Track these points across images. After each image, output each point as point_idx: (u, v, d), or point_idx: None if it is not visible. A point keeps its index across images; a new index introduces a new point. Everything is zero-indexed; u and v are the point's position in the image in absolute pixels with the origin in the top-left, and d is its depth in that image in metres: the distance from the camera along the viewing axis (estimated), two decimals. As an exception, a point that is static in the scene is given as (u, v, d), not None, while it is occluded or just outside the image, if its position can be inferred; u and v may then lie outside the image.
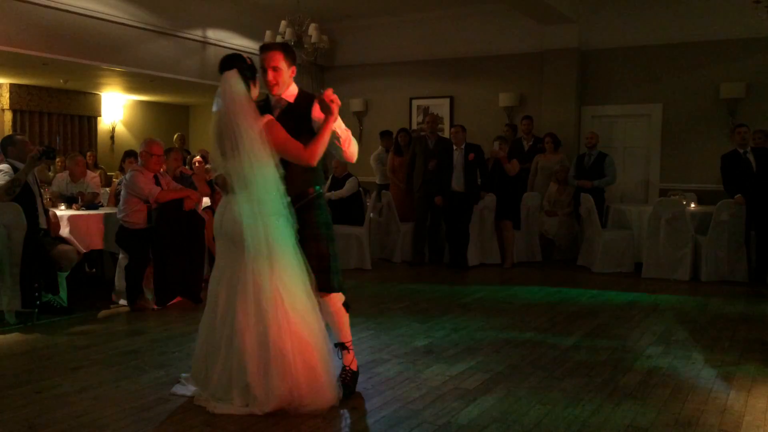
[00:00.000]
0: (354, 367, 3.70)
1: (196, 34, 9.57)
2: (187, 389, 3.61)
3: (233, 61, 3.38)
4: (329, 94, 3.29)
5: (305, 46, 8.56)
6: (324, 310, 3.51)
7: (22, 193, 5.35)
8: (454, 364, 4.28)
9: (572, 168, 8.79)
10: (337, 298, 3.58)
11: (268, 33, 8.59)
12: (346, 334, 3.66)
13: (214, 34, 9.80)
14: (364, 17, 10.77)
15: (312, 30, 8.52)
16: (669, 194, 8.11)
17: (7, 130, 10.25)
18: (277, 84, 3.44)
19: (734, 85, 8.77)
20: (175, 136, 11.05)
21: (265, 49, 3.48)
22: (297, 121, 3.47)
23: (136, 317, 5.60)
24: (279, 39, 8.32)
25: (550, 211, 8.84)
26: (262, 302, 3.29)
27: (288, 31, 8.44)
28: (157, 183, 5.93)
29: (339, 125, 3.42)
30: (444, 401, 3.60)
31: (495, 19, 10.12)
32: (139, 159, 6.12)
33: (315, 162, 3.38)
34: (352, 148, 3.53)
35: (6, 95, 10.40)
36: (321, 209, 3.56)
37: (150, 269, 5.89)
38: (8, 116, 10.46)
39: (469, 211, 8.22)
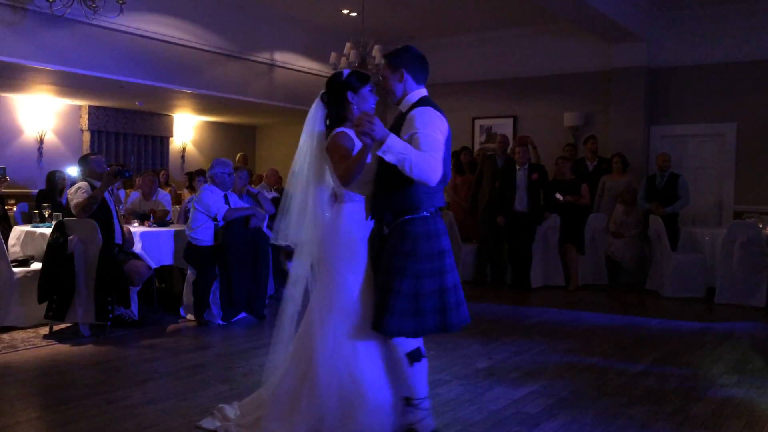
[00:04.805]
0: (421, 429, 3.08)
1: (264, 56, 9.84)
2: (212, 423, 3.38)
3: (327, 85, 3.35)
4: (359, 118, 2.87)
5: (369, 67, 8.67)
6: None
7: (100, 210, 5.57)
8: (517, 387, 4.21)
9: (642, 190, 8.55)
10: (398, 344, 3.03)
11: (333, 55, 8.76)
12: (410, 389, 3.09)
13: (281, 57, 10.05)
14: (426, 38, 10.82)
15: (375, 52, 8.63)
16: (744, 216, 7.80)
17: (86, 149, 10.75)
18: (389, 93, 3.23)
19: (814, 103, 8.39)
20: (238, 156, 11.13)
21: None
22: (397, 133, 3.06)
23: (203, 332, 5.74)
24: (344, 61, 8.48)
25: (616, 232, 8.62)
26: (309, 327, 3.24)
27: (352, 53, 8.58)
28: (226, 202, 6.10)
29: (390, 149, 2.85)
30: (505, 425, 3.54)
31: (560, 37, 10.02)
32: (208, 178, 6.30)
33: (345, 184, 3.08)
34: (415, 171, 2.85)
35: (85, 117, 10.91)
36: (406, 237, 3.00)
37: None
38: (86, 137, 10.97)
39: (532, 231, 8.10)
